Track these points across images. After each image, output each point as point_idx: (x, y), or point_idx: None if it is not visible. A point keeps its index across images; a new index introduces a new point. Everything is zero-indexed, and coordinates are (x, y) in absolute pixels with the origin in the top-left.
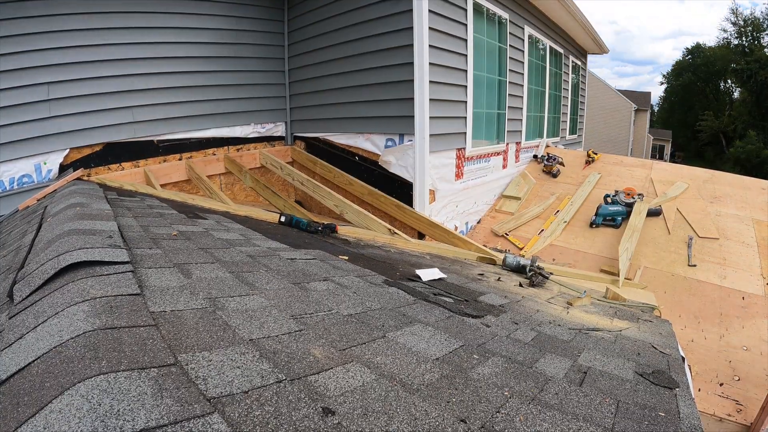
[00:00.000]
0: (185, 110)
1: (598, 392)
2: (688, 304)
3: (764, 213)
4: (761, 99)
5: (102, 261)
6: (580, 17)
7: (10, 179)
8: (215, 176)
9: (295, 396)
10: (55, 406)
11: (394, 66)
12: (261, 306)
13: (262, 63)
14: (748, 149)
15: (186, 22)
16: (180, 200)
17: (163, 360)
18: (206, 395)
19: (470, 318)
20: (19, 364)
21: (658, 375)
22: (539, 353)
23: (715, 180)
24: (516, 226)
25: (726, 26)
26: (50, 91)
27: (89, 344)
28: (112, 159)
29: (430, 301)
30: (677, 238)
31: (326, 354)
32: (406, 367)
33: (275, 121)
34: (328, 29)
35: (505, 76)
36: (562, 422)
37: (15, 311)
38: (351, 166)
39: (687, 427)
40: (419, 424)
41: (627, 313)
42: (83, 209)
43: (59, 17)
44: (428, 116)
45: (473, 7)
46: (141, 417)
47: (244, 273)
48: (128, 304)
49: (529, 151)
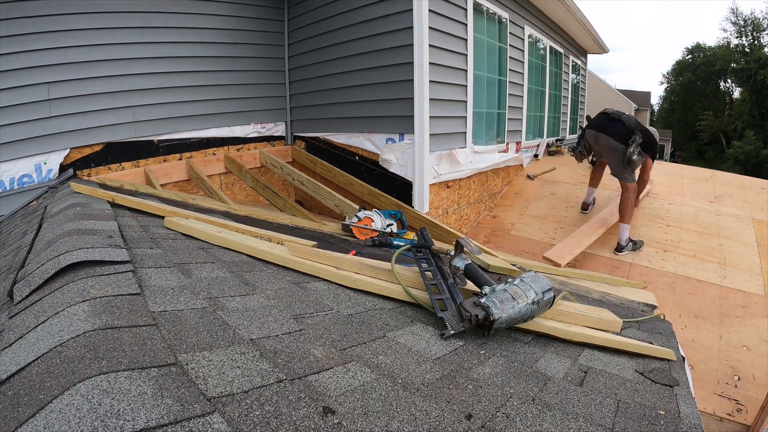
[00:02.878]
0: (185, 110)
1: (598, 392)
2: (688, 303)
3: (764, 213)
4: (761, 99)
5: (102, 261)
6: (580, 17)
7: (10, 179)
8: (215, 176)
9: (295, 396)
10: (55, 406)
11: (394, 65)
12: (261, 306)
13: (262, 63)
14: (747, 149)
15: (186, 21)
16: (180, 200)
17: (164, 360)
18: (206, 395)
19: None
20: (19, 364)
21: (658, 374)
22: (540, 353)
23: (715, 180)
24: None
25: (726, 26)
26: (50, 91)
27: (89, 344)
28: (112, 159)
29: None
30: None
31: (326, 354)
32: (407, 366)
33: (275, 121)
34: (328, 29)
35: (505, 75)
36: (563, 422)
37: (15, 311)
38: (351, 165)
39: (687, 426)
40: (419, 423)
41: (627, 312)
42: (83, 209)
43: (59, 17)
44: (428, 116)
45: (473, 6)
46: (141, 417)
47: (244, 273)
48: (128, 303)
49: (529, 151)
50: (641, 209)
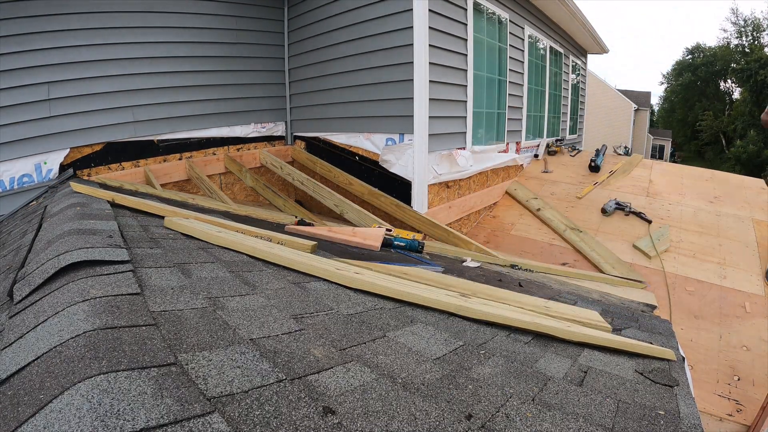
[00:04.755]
0: (185, 110)
1: (597, 392)
2: (688, 303)
3: (764, 213)
4: (761, 99)
5: (102, 260)
6: (580, 17)
7: (10, 179)
8: (215, 176)
9: (295, 395)
10: (55, 405)
11: (394, 65)
12: (261, 305)
13: (262, 63)
14: (748, 149)
15: (186, 21)
16: (180, 200)
17: (164, 359)
18: (206, 395)
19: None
20: (19, 364)
21: (658, 374)
22: (539, 352)
23: (715, 180)
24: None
25: (726, 26)
26: (50, 90)
27: (89, 344)
28: (112, 159)
29: None
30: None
31: (326, 353)
32: (407, 366)
33: (275, 121)
34: (328, 28)
35: (505, 75)
36: (562, 422)
37: (15, 311)
38: (351, 165)
39: (687, 426)
40: (419, 423)
41: (627, 312)
42: (83, 209)
43: (59, 17)
44: (428, 116)
45: (473, 6)
46: (141, 417)
47: (244, 272)
48: (128, 303)
49: (529, 151)
50: (641, 209)
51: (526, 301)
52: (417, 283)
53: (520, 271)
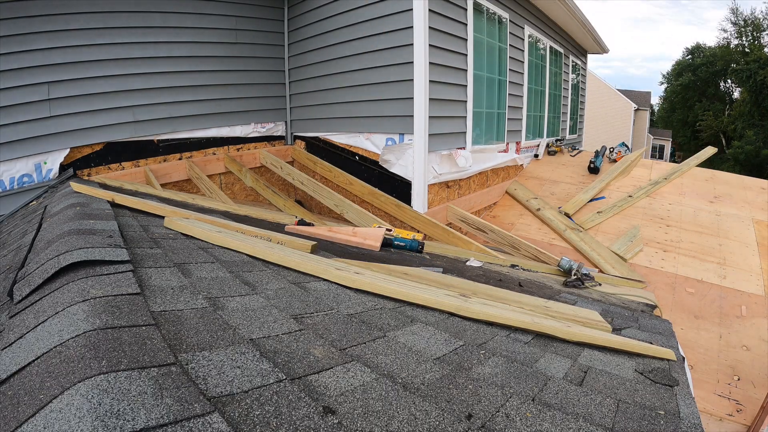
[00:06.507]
0: (185, 110)
1: (598, 392)
2: (688, 303)
3: (764, 213)
4: (761, 99)
5: (102, 260)
6: (580, 16)
7: (10, 179)
8: (215, 176)
9: (295, 395)
10: (55, 405)
11: (394, 65)
12: (261, 305)
13: (262, 62)
14: (746, 149)
15: (186, 21)
16: (180, 200)
17: (164, 359)
18: (206, 395)
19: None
20: (20, 364)
21: (658, 374)
22: (540, 352)
23: (715, 180)
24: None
25: (726, 26)
26: (50, 90)
27: (89, 344)
28: (112, 158)
29: None
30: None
31: (326, 353)
32: (407, 366)
33: (275, 121)
34: (328, 29)
35: (505, 75)
36: (562, 421)
37: (15, 311)
38: (351, 165)
39: (687, 426)
40: (419, 423)
41: (627, 312)
42: (83, 209)
43: (59, 17)
44: (428, 116)
45: (473, 6)
46: (141, 416)
47: (244, 272)
48: (128, 303)
49: (529, 151)
50: (641, 209)
51: (526, 301)
52: (417, 283)
53: (520, 271)
